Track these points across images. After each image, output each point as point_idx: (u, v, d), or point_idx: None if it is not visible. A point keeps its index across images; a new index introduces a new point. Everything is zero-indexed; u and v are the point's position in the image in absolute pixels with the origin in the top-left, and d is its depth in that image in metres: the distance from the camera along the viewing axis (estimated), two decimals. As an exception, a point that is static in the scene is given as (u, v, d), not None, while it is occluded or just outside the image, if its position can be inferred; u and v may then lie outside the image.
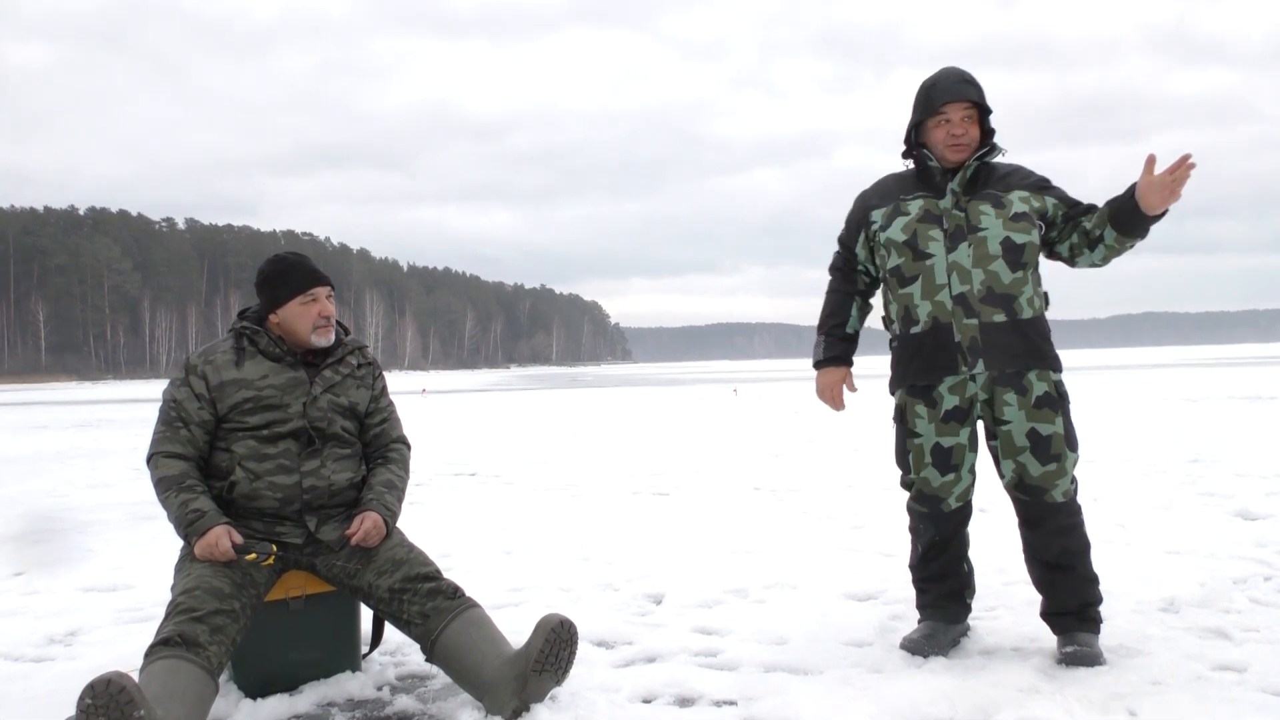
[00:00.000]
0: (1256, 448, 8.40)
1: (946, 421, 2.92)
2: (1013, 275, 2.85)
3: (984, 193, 2.91)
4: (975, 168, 2.92)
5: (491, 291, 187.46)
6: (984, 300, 2.84)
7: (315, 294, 2.91)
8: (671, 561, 4.41)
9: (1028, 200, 2.90)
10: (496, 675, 2.59)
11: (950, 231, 2.88)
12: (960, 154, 2.91)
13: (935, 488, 2.96)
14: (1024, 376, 2.85)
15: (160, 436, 2.84)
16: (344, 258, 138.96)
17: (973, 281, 2.84)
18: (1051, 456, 2.84)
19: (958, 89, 2.90)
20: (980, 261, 2.84)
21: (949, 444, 2.93)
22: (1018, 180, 2.95)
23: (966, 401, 2.90)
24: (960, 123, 2.90)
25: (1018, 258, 2.85)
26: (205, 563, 2.64)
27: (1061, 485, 2.86)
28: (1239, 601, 3.47)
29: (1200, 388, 20.11)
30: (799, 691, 2.69)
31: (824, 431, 11.35)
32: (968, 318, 2.84)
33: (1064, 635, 2.92)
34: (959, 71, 2.96)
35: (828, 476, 7.28)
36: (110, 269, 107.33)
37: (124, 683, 2.19)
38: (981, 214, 2.87)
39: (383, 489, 2.94)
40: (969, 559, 3.13)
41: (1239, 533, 4.68)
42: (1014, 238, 2.85)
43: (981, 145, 2.93)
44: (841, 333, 3.15)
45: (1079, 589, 2.92)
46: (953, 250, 2.86)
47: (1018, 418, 2.85)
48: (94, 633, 3.53)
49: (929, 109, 2.92)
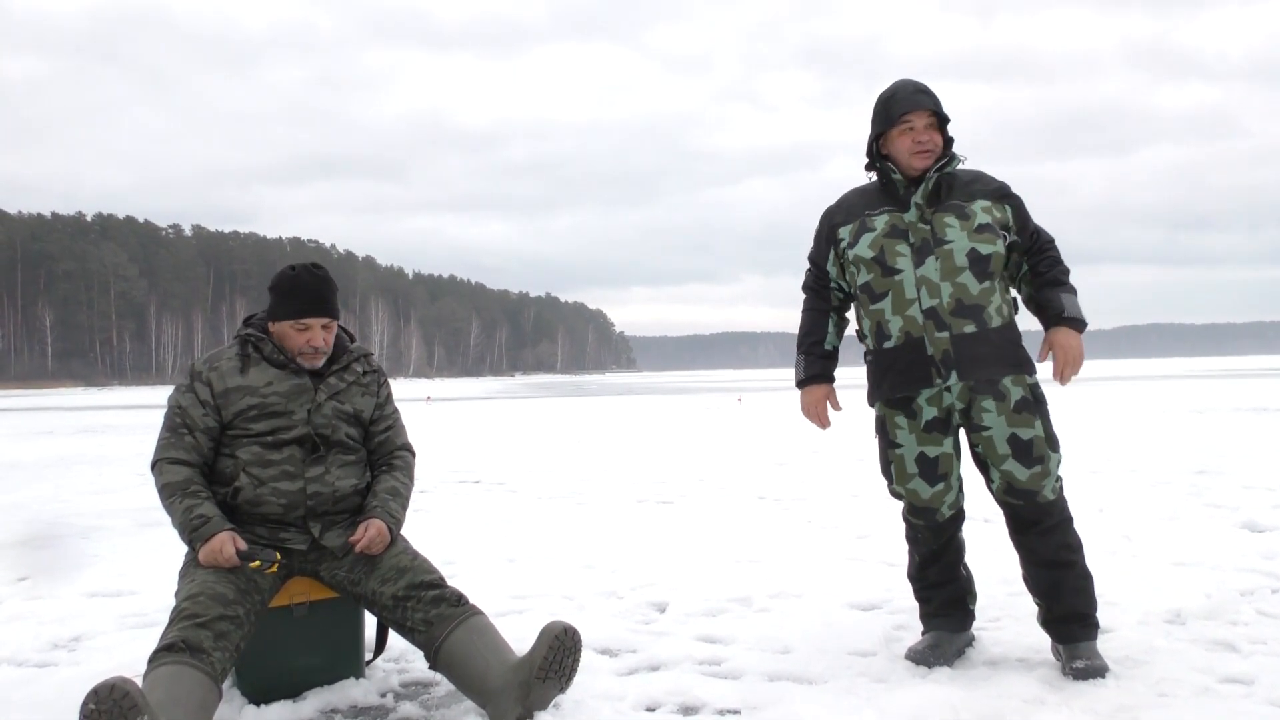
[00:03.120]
0: (1263, 459, 8.37)
1: (929, 432, 2.93)
2: (980, 286, 2.86)
3: (947, 204, 2.91)
4: (936, 179, 2.93)
5: (496, 299, 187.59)
6: (954, 313, 2.85)
7: (308, 324, 2.88)
8: (676, 570, 4.41)
9: (990, 210, 2.91)
10: (500, 683, 2.58)
11: (917, 246, 2.89)
12: (925, 160, 2.92)
13: (926, 499, 2.96)
14: (1000, 383, 2.86)
15: (165, 443, 2.85)
16: (350, 265, 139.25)
17: (942, 295, 2.86)
18: (1035, 459, 2.84)
19: (916, 99, 2.92)
20: (948, 274, 2.86)
21: (934, 454, 2.94)
22: (980, 188, 2.95)
23: (945, 412, 2.92)
24: (924, 129, 2.92)
25: (985, 268, 2.86)
26: (209, 569, 2.64)
27: (1049, 485, 2.87)
28: (1246, 613, 3.45)
29: (1206, 399, 20.06)
30: (803, 701, 2.69)
31: (829, 441, 11.32)
32: (939, 331, 2.86)
33: (1069, 646, 2.90)
34: (914, 83, 2.98)
35: (832, 486, 7.27)
36: (117, 275, 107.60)
37: (128, 688, 2.19)
38: (946, 226, 2.88)
39: (387, 496, 2.94)
40: (966, 564, 3.14)
41: (1245, 544, 4.67)
42: (979, 249, 2.86)
43: (943, 155, 2.94)
44: (820, 350, 3.17)
45: (1082, 587, 2.92)
46: (920, 265, 2.88)
47: (998, 424, 2.85)
48: (98, 638, 3.53)
49: (889, 120, 2.94)
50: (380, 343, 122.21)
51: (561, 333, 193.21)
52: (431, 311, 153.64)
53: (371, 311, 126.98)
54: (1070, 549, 2.93)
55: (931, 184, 2.92)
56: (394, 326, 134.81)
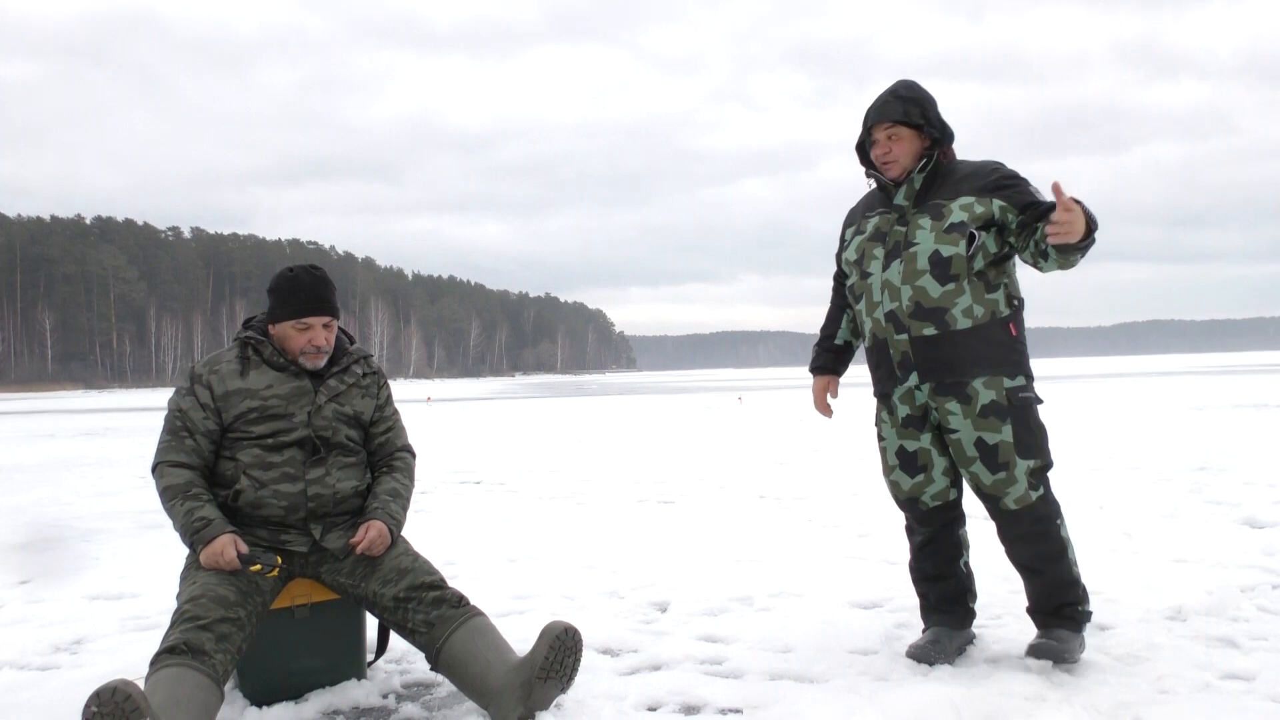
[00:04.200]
0: (1263, 455, 8.37)
1: (906, 427, 3.00)
2: (942, 289, 2.84)
3: (928, 203, 2.91)
4: (922, 179, 2.93)
5: (496, 300, 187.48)
6: (912, 315, 2.88)
7: (309, 323, 2.88)
8: (677, 569, 4.41)
9: (970, 207, 2.83)
10: (501, 683, 2.59)
11: (889, 249, 2.93)
12: (891, 171, 2.95)
13: (907, 490, 3.03)
14: (967, 385, 2.85)
15: (165, 446, 2.85)
16: (349, 266, 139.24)
17: (901, 298, 2.89)
18: (1000, 465, 2.84)
19: (880, 109, 2.93)
20: (909, 278, 2.87)
21: (912, 448, 3.00)
22: (972, 184, 2.87)
23: (919, 409, 2.96)
24: (884, 143, 2.93)
25: (946, 270, 2.84)
26: (211, 571, 2.65)
27: (1013, 493, 2.85)
28: (1247, 610, 3.46)
29: (1206, 395, 20.06)
30: (804, 700, 2.69)
31: (829, 440, 11.33)
32: (898, 334, 2.91)
33: (1041, 630, 2.96)
34: (893, 87, 2.97)
35: (833, 485, 7.27)
36: (116, 278, 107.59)
37: (129, 691, 2.19)
38: (919, 228, 2.89)
39: (387, 498, 2.95)
40: (967, 563, 3.13)
41: (1246, 541, 4.67)
42: (942, 250, 2.84)
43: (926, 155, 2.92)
44: (830, 344, 3.30)
45: (1053, 592, 2.94)
46: (886, 268, 2.93)
47: (964, 427, 2.86)
48: (100, 641, 3.53)
49: (865, 129, 2.99)
50: (380, 344, 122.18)
51: (561, 333, 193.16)
52: (431, 312, 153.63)
53: (371, 312, 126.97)
54: (1041, 558, 2.92)
55: (918, 184, 2.94)
56: (394, 327, 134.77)
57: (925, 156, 2.93)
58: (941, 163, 2.96)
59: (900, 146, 2.92)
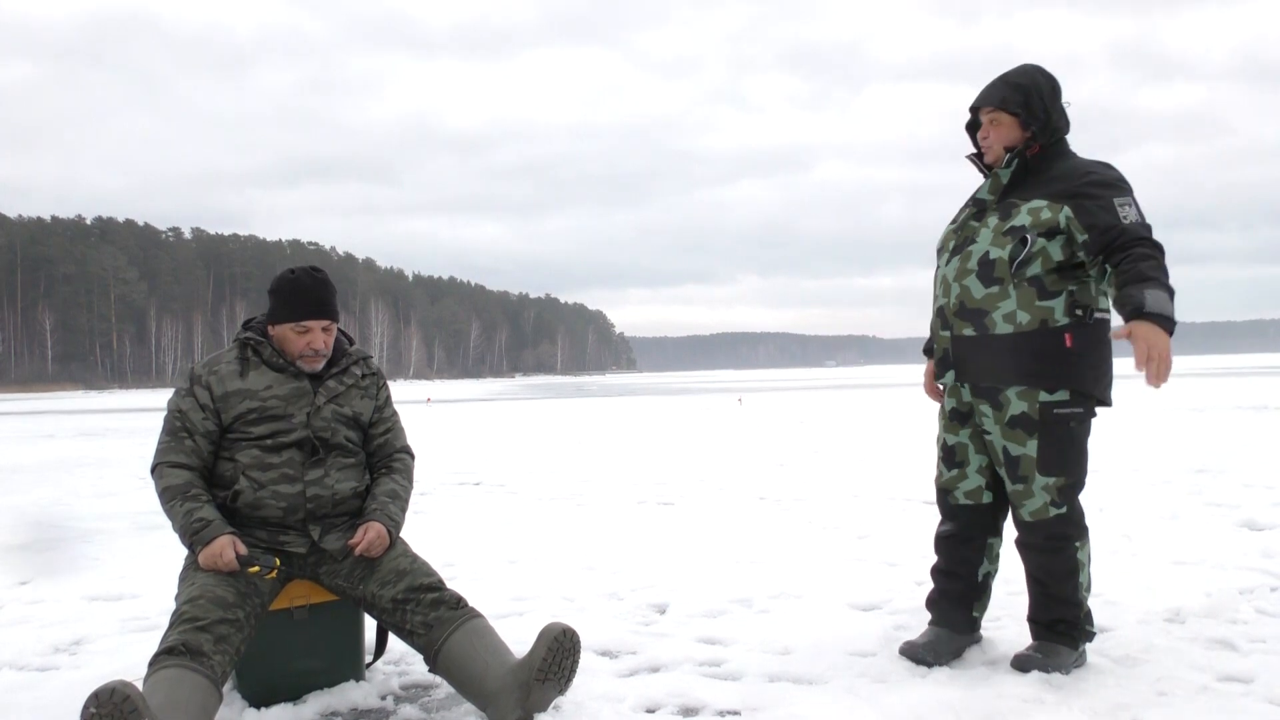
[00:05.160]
0: (1263, 458, 8.37)
1: (951, 420, 3.03)
2: (985, 290, 2.82)
3: (1007, 200, 2.87)
4: (1009, 174, 2.89)
5: (496, 301, 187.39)
6: (957, 314, 2.89)
7: (308, 326, 2.88)
8: (676, 571, 4.41)
9: (1038, 211, 2.75)
10: (500, 685, 2.59)
11: (959, 243, 2.94)
12: (989, 156, 2.95)
13: (944, 481, 3.06)
14: (1000, 393, 2.84)
15: (165, 446, 2.85)
16: (350, 267, 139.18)
17: (950, 295, 2.91)
18: (1019, 477, 2.84)
19: (986, 92, 2.92)
20: (960, 276, 2.89)
21: (952, 442, 3.03)
22: (1057, 186, 2.77)
23: (965, 406, 2.97)
24: (985, 126, 2.93)
25: (990, 273, 2.81)
26: (209, 572, 2.65)
27: (1029, 506, 2.84)
28: (1245, 612, 3.46)
29: (1206, 397, 20.05)
30: (803, 702, 2.69)
31: (829, 441, 11.34)
32: (943, 330, 2.95)
33: (1034, 640, 2.95)
34: (1011, 70, 2.93)
35: (833, 486, 7.27)
36: (116, 278, 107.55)
37: (128, 692, 2.19)
38: (985, 226, 2.88)
39: (386, 499, 2.95)
40: (987, 575, 3.07)
41: (1245, 543, 4.67)
42: (991, 252, 2.83)
43: (1023, 146, 2.87)
44: None
45: (1052, 607, 2.91)
46: (949, 262, 2.95)
47: (995, 431, 2.88)
48: (99, 642, 3.53)
49: (972, 112, 2.99)
50: (380, 344, 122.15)
51: (562, 334, 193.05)
52: (431, 313, 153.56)
53: (371, 313, 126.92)
54: (1047, 572, 2.89)
55: (1004, 178, 2.90)
56: (394, 328, 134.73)
57: (1019, 148, 2.85)
58: (1031, 157, 2.86)
59: (997, 133, 2.89)
